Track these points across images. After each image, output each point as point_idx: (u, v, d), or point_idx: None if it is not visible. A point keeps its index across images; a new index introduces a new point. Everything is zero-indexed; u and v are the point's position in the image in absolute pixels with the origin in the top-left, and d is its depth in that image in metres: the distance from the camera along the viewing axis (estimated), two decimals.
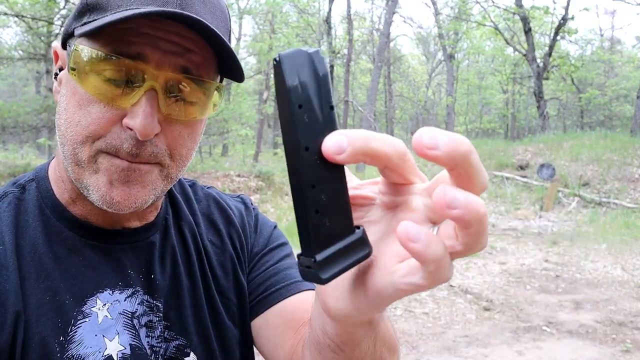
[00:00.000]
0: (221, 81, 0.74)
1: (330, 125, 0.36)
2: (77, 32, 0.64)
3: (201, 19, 0.61)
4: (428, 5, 34.43)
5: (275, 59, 0.36)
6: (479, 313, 5.32)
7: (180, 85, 0.66)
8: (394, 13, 18.65)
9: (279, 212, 10.94)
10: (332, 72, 23.06)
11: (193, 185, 0.90)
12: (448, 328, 4.89)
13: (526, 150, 15.61)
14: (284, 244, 0.90)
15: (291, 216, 10.69)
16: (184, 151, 0.70)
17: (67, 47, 0.68)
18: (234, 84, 18.53)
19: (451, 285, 6.11)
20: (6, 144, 20.03)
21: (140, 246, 0.76)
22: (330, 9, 22.65)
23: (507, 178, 13.76)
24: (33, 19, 10.19)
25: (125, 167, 0.65)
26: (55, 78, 0.72)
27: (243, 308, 0.83)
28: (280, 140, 25.85)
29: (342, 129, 0.36)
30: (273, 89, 30.29)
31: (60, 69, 0.72)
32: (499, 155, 15.25)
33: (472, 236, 0.35)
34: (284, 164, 14.66)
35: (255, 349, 0.86)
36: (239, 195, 0.94)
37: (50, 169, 0.76)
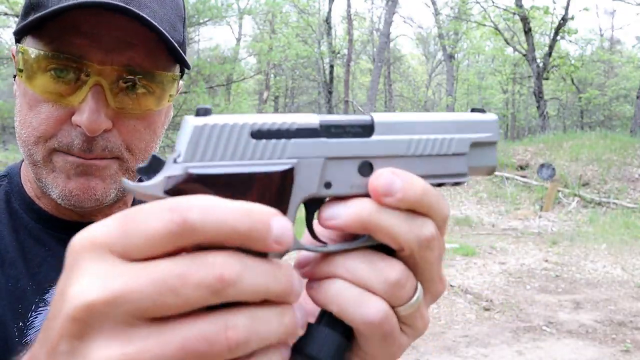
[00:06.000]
0: (182, 70, 0.73)
1: None
2: (18, 28, 0.65)
3: (132, 9, 0.60)
4: (428, 5, 34.43)
5: None
6: (479, 313, 5.32)
7: (129, 78, 0.65)
8: (394, 13, 18.66)
9: None
10: (332, 72, 23.06)
11: None
12: (448, 328, 4.89)
13: (526, 150, 15.60)
14: None
15: None
16: (142, 144, 0.70)
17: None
18: (234, 85, 18.50)
19: (451, 285, 6.11)
20: (6, 144, 20.03)
21: None
22: (330, 9, 22.67)
23: (507, 178, 13.76)
24: None
25: (79, 163, 0.66)
26: (15, 79, 0.73)
27: None
28: None
29: None
30: (273, 89, 30.19)
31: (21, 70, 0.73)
32: (499, 156, 15.11)
33: None
34: None
35: None
36: None
37: (22, 167, 0.79)
